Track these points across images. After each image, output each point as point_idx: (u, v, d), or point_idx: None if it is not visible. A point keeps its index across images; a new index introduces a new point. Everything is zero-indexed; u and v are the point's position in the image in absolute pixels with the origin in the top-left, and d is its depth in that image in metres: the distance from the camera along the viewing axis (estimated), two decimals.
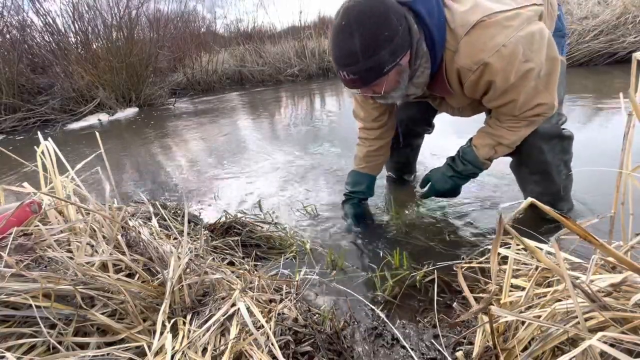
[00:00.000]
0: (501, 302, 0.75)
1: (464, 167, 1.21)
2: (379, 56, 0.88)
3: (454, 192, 1.31)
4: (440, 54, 0.97)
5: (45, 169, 0.98)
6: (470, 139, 1.21)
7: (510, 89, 0.97)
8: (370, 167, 1.47)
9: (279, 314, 0.81)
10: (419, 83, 1.03)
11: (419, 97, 1.15)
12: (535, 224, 1.24)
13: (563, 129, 1.15)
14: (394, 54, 0.90)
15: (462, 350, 0.77)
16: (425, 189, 1.34)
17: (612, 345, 0.48)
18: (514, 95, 0.98)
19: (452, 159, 1.26)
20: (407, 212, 1.53)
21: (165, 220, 1.21)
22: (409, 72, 0.99)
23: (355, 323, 0.95)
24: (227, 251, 1.23)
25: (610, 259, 0.62)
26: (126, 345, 0.71)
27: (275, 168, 2.30)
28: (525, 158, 1.20)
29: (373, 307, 0.98)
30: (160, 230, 1.12)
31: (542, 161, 1.16)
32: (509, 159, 1.29)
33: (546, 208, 0.55)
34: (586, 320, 0.55)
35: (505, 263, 0.77)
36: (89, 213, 0.95)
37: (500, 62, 0.90)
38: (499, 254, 0.66)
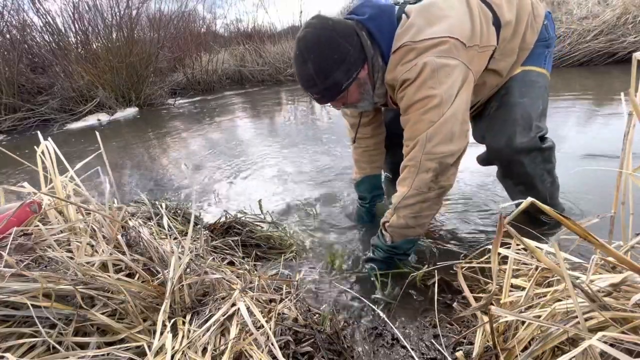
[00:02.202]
0: (501, 302, 0.75)
1: (373, 251, 1.17)
2: (333, 76, 0.97)
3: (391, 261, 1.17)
4: None
5: (45, 168, 0.98)
6: None
7: (411, 107, 0.96)
8: (375, 167, 1.48)
9: (279, 314, 0.81)
10: (380, 94, 1.10)
11: (384, 104, 1.20)
12: (535, 224, 1.24)
13: (544, 138, 1.15)
14: (348, 72, 0.98)
15: (462, 350, 0.77)
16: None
17: (612, 345, 0.48)
18: (410, 116, 0.97)
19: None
20: None
21: (165, 219, 1.21)
22: (371, 84, 1.06)
23: (355, 323, 0.95)
24: (227, 251, 1.23)
25: (610, 259, 0.62)
26: (126, 345, 0.71)
27: (276, 168, 2.30)
28: (507, 171, 1.21)
29: (373, 306, 0.98)
30: (160, 230, 1.12)
31: (524, 173, 1.16)
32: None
33: (546, 208, 0.55)
34: (586, 320, 0.55)
35: (505, 263, 0.77)
36: (89, 213, 0.95)
37: (411, 77, 0.93)
38: (499, 253, 0.66)
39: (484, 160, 1.27)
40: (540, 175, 1.18)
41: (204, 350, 0.69)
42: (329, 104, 1.10)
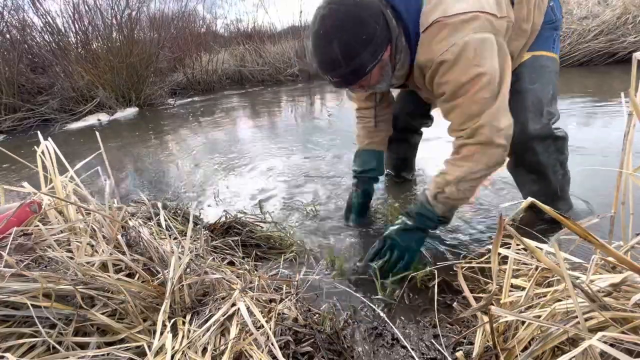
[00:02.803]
0: (501, 302, 0.75)
1: (416, 220, 1.11)
2: (359, 58, 0.91)
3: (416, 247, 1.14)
4: (415, 49, 1.00)
5: (45, 168, 0.98)
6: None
7: (460, 90, 0.94)
8: (376, 142, 1.43)
9: (279, 314, 0.81)
10: (400, 75, 1.07)
11: (400, 85, 1.18)
12: (535, 224, 1.24)
13: (556, 128, 1.14)
14: (374, 53, 0.93)
15: (462, 350, 0.77)
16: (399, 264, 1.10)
17: (612, 345, 0.48)
18: (462, 100, 0.95)
19: (406, 213, 1.15)
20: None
21: (165, 220, 1.21)
22: (392, 66, 1.03)
23: (355, 323, 0.95)
24: (227, 251, 1.23)
25: (610, 259, 0.62)
26: (126, 345, 0.71)
27: (275, 168, 2.30)
28: (520, 159, 1.20)
29: (373, 306, 0.98)
30: (160, 230, 1.12)
31: (537, 162, 1.16)
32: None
33: (546, 208, 0.55)
34: (586, 320, 0.55)
35: (505, 263, 0.77)
36: (89, 213, 0.95)
37: (451, 59, 0.90)
38: (499, 253, 0.66)
39: None
40: (553, 166, 1.18)
41: (204, 350, 0.69)
42: (347, 88, 1.07)
